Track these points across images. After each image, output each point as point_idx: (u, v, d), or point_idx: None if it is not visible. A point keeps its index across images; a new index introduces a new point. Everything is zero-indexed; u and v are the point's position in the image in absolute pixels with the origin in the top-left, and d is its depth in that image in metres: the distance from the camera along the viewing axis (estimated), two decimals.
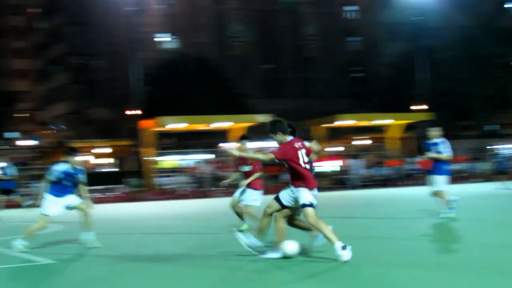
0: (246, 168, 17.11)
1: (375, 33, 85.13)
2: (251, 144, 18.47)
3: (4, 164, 26.30)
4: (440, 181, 18.25)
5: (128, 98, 70.06)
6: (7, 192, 26.41)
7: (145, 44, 76.92)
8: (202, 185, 48.57)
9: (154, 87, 63.50)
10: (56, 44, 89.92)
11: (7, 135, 71.15)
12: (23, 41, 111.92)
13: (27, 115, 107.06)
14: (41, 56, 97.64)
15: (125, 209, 34.95)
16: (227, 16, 79.41)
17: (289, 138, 11.44)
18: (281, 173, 51.66)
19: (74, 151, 15.15)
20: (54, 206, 14.78)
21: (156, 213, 30.29)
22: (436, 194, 18.45)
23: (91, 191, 44.46)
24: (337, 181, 50.93)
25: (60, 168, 14.85)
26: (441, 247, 13.42)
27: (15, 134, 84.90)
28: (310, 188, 11.24)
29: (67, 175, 14.68)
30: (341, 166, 52.33)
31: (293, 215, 11.75)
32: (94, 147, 60.76)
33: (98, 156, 66.31)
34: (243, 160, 16.92)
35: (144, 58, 66.36)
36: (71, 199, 15.06)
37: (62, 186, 14.81)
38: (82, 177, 15.02)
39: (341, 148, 59.82)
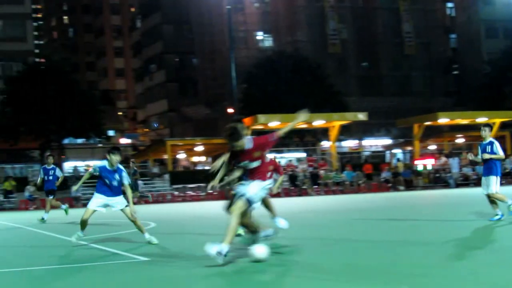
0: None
1: (472, 30, 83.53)
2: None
3: (51, 166, 25.29)
4: (495, 182, 17.32)
5: (225, 96, 70.45)
6: (50, 193, 25.45)
7: (242, 42, 77.24)
8: (298, 183, 48.37)
9: (250, 85, 63.63)
10: (153, 43, 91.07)
11: (108, 133, 72.48)
12: (122, 40, 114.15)
13: (125, 113, 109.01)
14: (139, 55, 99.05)
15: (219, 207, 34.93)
16: (324, 14, 78.99)
17: (248, 138, 11.44)
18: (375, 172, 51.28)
19: (114, 150, 14.96)
20: (95, 201, 14.99)
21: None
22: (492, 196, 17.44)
23: (186, 189, 45.06)
24: (433, 180, 50.14)
25: (98, 164, 15.06)
26: None
27: (113, 132, 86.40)
28: (264, 180, 11.38)
29: (103, 172, 14.66)
30: (433, 165, 51.47)
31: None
32: (189, 145, 61.09)
33: (193, 154, 66.77)
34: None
35: (241, 56, 66.59)
36: (116, 200, 15.10)
37: (102, 184, 14.87)
38: (124, 177, 14.87)
39: (434, 147, 58.87)
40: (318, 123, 52.39)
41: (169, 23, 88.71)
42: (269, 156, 11.61)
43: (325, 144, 55.94)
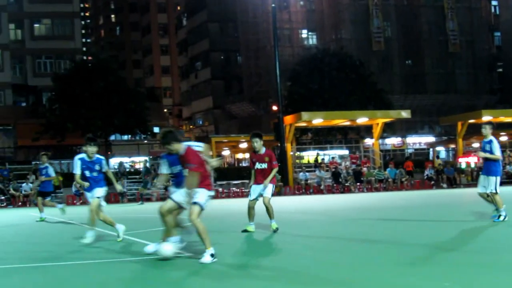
0: (263, 166, 16.53)
1: None
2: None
3: (45, 164, 24.25)
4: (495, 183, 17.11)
5: (269, 94, 70.90)
6: (45, 194, 24.50)
7: (287, 40, 77.62)
8: (341, 181, 48.60)
9: (295, 83, 63.95)
10: (199, 41, 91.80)
11: (154, 129, 73.10)
12: (168, 38, 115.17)
13: (170, 110, 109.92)
14: (185, 53, 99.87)
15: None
16: (369, 12, 79.08)
17: (184, 144, 11.55)
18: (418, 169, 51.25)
19: (90, 141, 14.94)
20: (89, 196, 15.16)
21: (294, 207, 30.50)
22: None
23: (230, 186, 45.51)
24: (476, 178, 50.04)
25: (77, 156, 15.09)
26: None
27: (159, 129, 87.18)
28: (209, 189, 11.52)
29: (84, 164, 14.76)
30: (475, 163, 51.34)
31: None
32: (234, 142, 61.68)
33: (238, 151, 67.30)
34: (258, 158, 16.50)
35: (285, 54, 66.96)
36: (96, 192, 15.14)
37: (86, 178, 15.00)
38: (104, 165, 15.03)
39: (478, 145, 58.64)
40: (362, 120, 52.55)
41: (215, 21, 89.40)
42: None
43: (368, 141, 56.09)
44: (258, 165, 16.54)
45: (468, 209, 22.37)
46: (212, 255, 11.12)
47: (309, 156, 57.17)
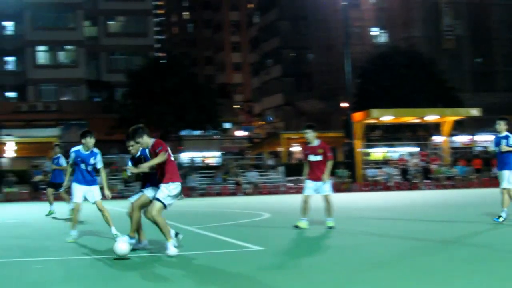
0: (317, 158, 16.24)
1: None
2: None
3: (58, 155, 23.67)
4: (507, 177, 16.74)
5: (339, 91, 71.12)
6: (56, 186, 23.54)
7: (357, 38, 77.71)
8: (409, 177, 48.75)
9: (364, 80, 64.11)
10: (270, 38, 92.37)
11: (225, 125, 73.98)
12: (240, 36, 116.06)
13: (241, 106, 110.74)
14: (256, 50, 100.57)
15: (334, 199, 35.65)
16: (439, 10, 78.72)
17: (153, 140, 11.84)
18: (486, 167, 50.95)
19: (88, 133, 14.64)
20: (77, 193, 14.55)
21: (362, 204, 30.80)
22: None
23: (299, 181, 46.05)
24: None
25: (73, 149, 14.74)
26: None
27: (229, 125, 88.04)
28: (179, 181, 11.78)
29: (79, 157, 14.50)
30: None
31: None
32: (303, 138, 62.08)
33: None
34: (311, 150, 16.29)
35: (356, 51, 67.10)
36: (92, 192, 14.64)
37: (79, 172, 14.62)
38: (98, 160, 14.65)
39: None
40: (431, 118, 52.64)
41: (286, 19, 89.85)
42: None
43: (437, 139, 55.97)
44: (312, 158, 16.19)
45: None
46: (175, 246, 11.56)
47: (377, 153, 57.28)
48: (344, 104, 62.27)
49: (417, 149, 55.92)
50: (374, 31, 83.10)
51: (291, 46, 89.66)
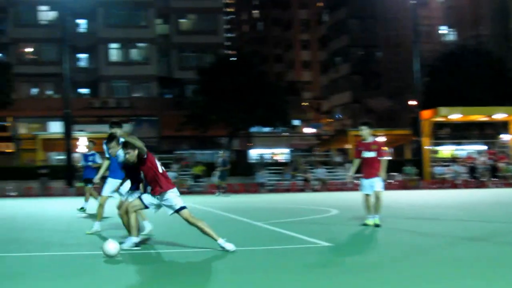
0: (371, 154, 16.04)
1: None
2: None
3: (92, 151, 23.55)
4: None
5: (407, 89, 71.26)
6: (89, 181, 23.03)
7: (426, 36, 77.66)
8: (477, 175, 48.78)
9: (434, 79, 64.14)
10: (339, 36, 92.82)
11: (294, 122, 74.54)
12: (309, 34, 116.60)
13: (310, 104, 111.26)
14: (325, 48, 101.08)
15: (402, 196, 36.07)
16: (509, 8, 78.23)
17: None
18: None
19: (116, 123, 14.84)
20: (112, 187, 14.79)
21: (430, 201, 31.03)
22: None
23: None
24: None
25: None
26: None
27: (298, 122, 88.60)
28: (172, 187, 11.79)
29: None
30: None
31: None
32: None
33: None
34: (365, 146, 16.08)
35: (424, 50, 67.16)
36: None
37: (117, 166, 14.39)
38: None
39: None
40: (499, 116, 52.56)
41: (355, 17, 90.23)
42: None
43: (505, 137, 55.83)
44: (366, 154, 15.97)
45: None
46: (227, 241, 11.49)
47: (445, 151, 57.35)
48: (412, 102, 62.43)
49: (484, 147, 55.82)
50: (443, 30, 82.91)
51: (360, 44, 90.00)
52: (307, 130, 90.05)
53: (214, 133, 62.93)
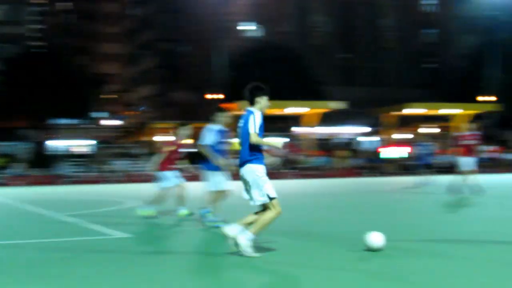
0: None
1: (449, 26, 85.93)
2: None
3: None
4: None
5: (211, 83, 72.78)
6: None
7: (230, 31, 79.36)
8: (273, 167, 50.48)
9: (237, 73, 65.81)
10: (146, 30, 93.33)
11: (94, 115, 74.29)
12: (116, 27, 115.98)
13: (115, 96, 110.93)
14: (132, 41, 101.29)
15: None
16: (309, 6, 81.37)
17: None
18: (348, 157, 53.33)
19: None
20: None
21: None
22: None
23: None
24: (404, 167, 52.29)
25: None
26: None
27: (103, 114, 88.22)
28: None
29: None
30: (409, 153, 53.62)
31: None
32: (173, 128, 63.36)
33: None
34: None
35: (229, 45, 68.79)
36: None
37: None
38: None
39: (409, 136, 60.92)
40: (296, 110, 54.63)
41: (163, 11, 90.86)
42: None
43: (301, 130, 58.17)
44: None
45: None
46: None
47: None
48: (212, 96, 63.86)
49: (285, 140, 57.95)
50: (247, 26, 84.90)
51: (167, 38, 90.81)
52: (112, 122, 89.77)
53: (17, 125, 61.94)
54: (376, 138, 65.12)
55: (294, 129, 58.69)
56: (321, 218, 16.84)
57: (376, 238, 10.18)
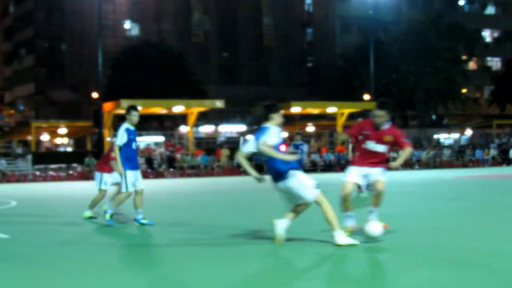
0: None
1: (328, 26, 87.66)
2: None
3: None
4: None
5: (91, 82, 72.18)
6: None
7: (110, 30, 78.82)
8: (154, 166, 50.45)
9: (117, 72, 65.49)
10: (24, 28, 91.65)
11: None
12: None
13: None
14: (10, 39, 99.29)
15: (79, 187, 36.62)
16: (190, 5, 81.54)
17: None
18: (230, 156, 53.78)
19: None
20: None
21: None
22: None
23: (48, 170, 46.33)
24: None
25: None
26: None
27: None
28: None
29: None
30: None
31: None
32: (53, 127, 62.55)
33: (57, 136, 68.06)
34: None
35: (109, 43, 68.37)
36: None
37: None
38: None
39: (287, 134, 61.75)
40: (178, 109, 54.66)
41: (41, 9, 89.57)
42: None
43: (183, 129, 58.34)
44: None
45: None
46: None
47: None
48: (95, 95, 63.37)
49: (163, 138, 57.98)
50: (127, 24, 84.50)
51: (45, 36, 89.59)
52: None
53: None
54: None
55: (180, 127, 58.81)
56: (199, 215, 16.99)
57: (375, 227, 10.75)
